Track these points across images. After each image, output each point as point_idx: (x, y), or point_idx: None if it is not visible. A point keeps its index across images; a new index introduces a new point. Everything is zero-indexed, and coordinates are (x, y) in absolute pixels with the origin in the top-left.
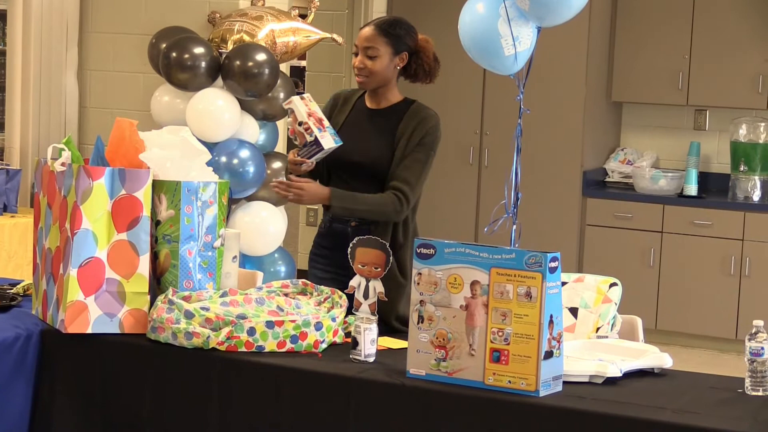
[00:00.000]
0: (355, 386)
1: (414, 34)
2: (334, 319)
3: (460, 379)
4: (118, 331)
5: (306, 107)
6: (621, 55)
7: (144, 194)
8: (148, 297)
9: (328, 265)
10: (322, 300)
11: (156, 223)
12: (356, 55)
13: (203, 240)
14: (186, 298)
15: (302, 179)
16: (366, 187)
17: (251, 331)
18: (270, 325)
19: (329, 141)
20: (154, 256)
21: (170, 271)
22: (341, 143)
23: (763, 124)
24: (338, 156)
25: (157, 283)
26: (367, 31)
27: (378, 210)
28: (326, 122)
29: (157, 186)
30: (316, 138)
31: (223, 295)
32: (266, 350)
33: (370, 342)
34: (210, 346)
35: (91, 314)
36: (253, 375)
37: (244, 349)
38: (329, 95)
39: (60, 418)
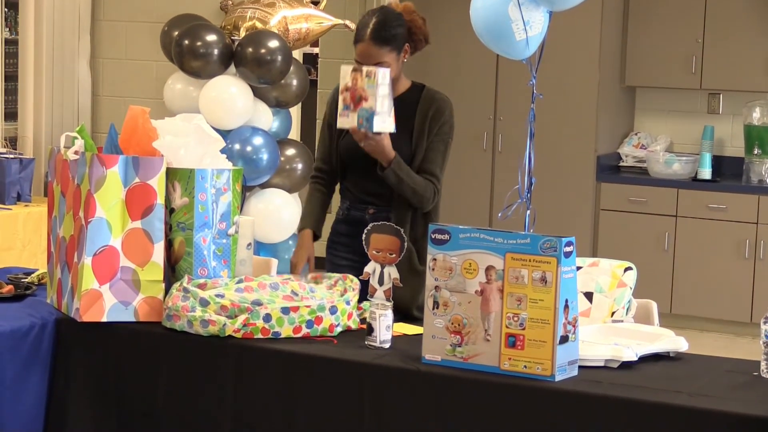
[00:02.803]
0: (370, 372)
1: (402, 19)
2: (348, 303)
3: (475, 364)
4: (133, 320)
5: (348, 81)
6: (634, 39)
7: (158, 182)
8: (163, 285)
9: (346, 252)
10: (333, 284)
11: (170, 211)
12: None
13: (217, 227)
14: (201, 286)
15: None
16: (381, 181)
17: (267, 318)
18: (285, 310)
19: (344, 122)
20: (169, 244)
21: (185, 258)
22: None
23: None
24: (354, 149)
25: (172, 271)
26: (366, 48)
27: (420, 193)
28: (363, 102)
29: (171, 174)
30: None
31: (238, 282)
32: (282, 336)
33: (386, 328)
34: (226, 334)
35: (105, 303)
36: (268, 362)
37: (260, 336)
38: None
39: (75, 406)
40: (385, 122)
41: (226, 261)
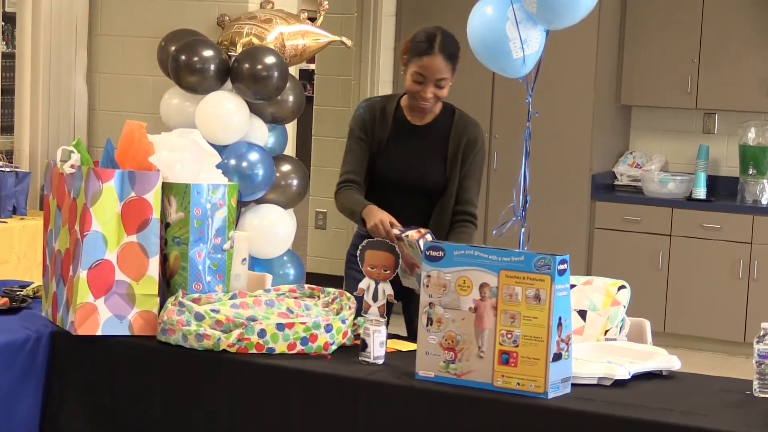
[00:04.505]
0: (364, 388)
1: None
2: (343, 321)
3: (468, 381)
4: (128, 333)
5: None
6: (630, 58)
7: (154, 196)
8: (158, 299)
9: None
10: (330, 301)
11: (165, 225)
12: (419, 83)
13: (213, 242)
14: (195, 301)
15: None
16: (411, 204)
17: (262, 333)
18: (280, 327)
19: (409, 282)
20: (164, 259)
21: (180, 273)
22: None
23: None
24: (385, 175)
25: (167, 286)
26: (440, 63)
27: (469, 239)
28: (416, 268)
29: (167, 188)
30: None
31: (233, 297)
32: (276, 352)
33: (379, 344)
34: (220, 348)
35: (100, 316)
36: (263, 377)
37: (254, 351)
38: (338, 99)
39: (70, 419)
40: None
41: (221, 276)
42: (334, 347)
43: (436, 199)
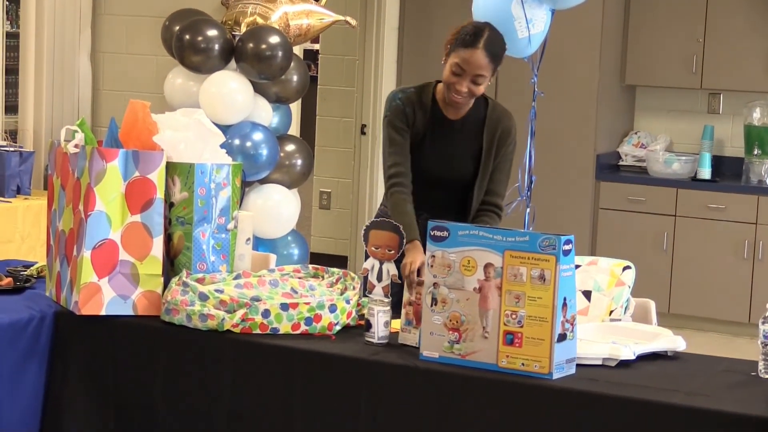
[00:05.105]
0: (368, 369)
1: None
2: (348, 301)
3: (473, 361)
4: (132, 313)
5: (412, 296)
6: (635, 38)
7: (158, 176)
8: (162, 279)
9: None
10: (334, 281)
11: (170, 205)
12: (457, 75)
13: (217, 222)
14: (199, 281)
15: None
16: (446, 196)
17: (266, 314)
18: (284, 307)
19: (407, 338)
20: (168, 238)
21: (183, 253)
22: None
23: None
24: (422, 171)
25: (171, 265)
26: (482, 59)
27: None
28: None
29: (171, 168)
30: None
31: (237, 277)
32: (281, 332)
33: (384, 324)
34: (225, 329)
35: (104, 296)
36: (267, 357)
37: (258, 332)
38: (342, 78)
39: (73, 398)
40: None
41: (224, 256)
42: (338, 327)
43: (472, 192)
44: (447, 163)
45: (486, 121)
